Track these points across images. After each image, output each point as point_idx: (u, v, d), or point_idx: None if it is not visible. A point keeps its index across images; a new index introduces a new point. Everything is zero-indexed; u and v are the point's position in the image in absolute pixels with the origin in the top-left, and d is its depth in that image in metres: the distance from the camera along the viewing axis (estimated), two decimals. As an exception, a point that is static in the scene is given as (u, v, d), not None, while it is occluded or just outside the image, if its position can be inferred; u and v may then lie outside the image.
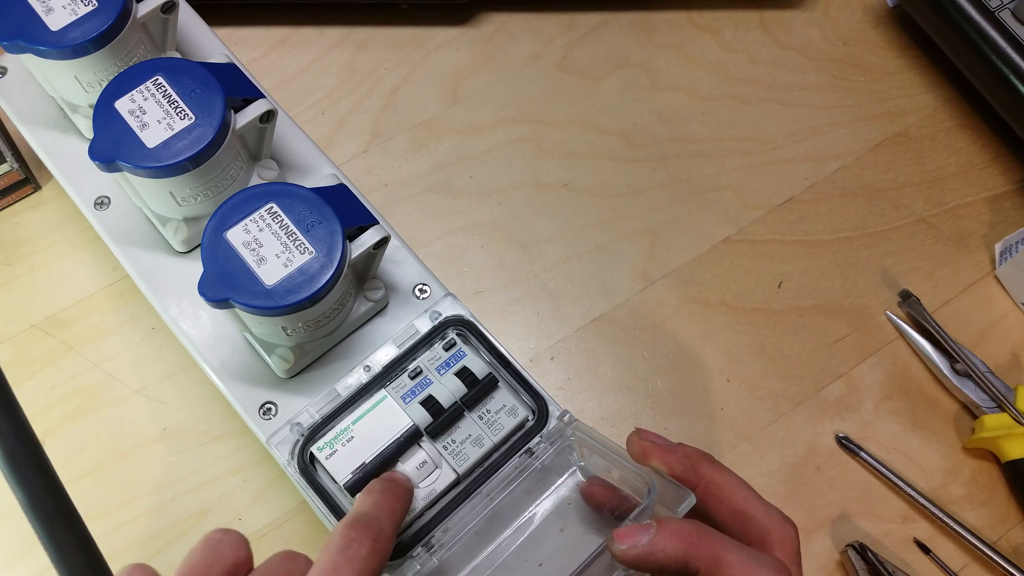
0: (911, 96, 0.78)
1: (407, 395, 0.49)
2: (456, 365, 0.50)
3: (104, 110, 0.49)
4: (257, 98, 0.51)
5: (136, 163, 0.48)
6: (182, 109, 0.49)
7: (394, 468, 0.48)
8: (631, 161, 0.74)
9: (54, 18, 0.50)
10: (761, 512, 0.43)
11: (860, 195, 0.74)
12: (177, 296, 0.54)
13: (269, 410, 0.51)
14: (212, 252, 0.46)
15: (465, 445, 0.48)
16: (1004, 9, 0.72)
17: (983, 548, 0.61)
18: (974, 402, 0.65)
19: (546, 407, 0.49)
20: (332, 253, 0.46)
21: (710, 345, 0.68)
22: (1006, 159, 0.76)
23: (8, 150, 0.65)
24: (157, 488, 0.62)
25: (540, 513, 0.47)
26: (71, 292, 0.67)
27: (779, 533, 0.43)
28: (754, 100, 0.78)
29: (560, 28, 0.80)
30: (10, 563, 0.59)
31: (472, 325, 0.51)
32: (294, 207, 0.47)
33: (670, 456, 0.45)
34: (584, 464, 0.48)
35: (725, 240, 0.72)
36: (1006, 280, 0.70)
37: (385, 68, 0.77)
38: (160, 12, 0.54)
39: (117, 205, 0.57)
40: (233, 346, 0.53)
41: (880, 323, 0.69)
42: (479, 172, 0.73)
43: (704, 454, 0.45)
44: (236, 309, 0.46)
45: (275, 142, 0.58)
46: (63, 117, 0.59)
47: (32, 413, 0.62)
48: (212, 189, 0.52)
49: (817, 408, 0.66)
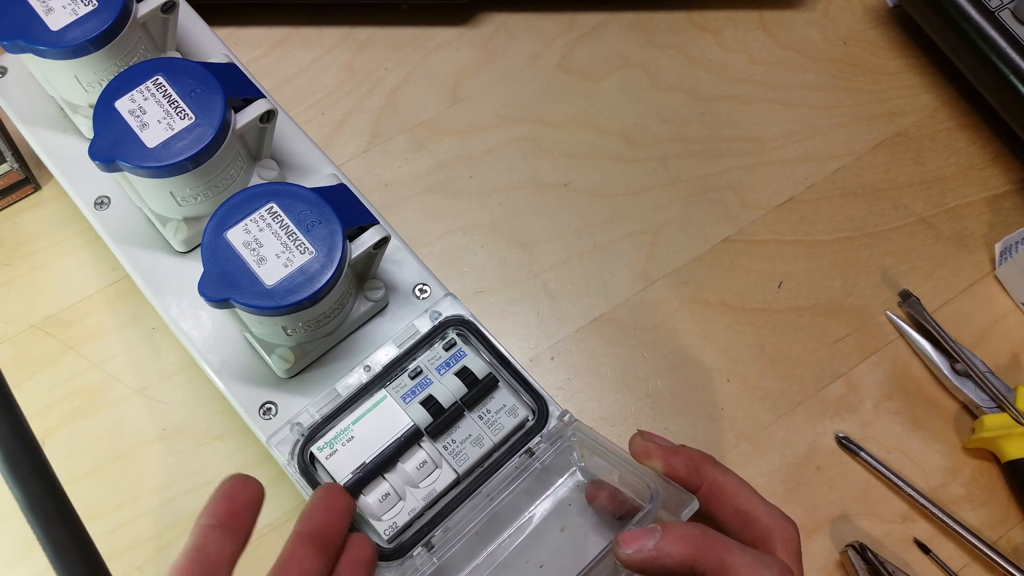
0: (911, 96, 0.78)
1: (407, 395, 0.49)
2: (456, 365, 0.50)
3: (104, 110, 0.49)
4: (257, 98, 0.51)
5: (136, 163, 0.48)
6: (182, 109, 0.49)
7: (394, 468, 0.48)
8: (631, 161, 0.74)
9: (54, 18, 0.50)
10: (763, 513, 0.43)
11: (860, 195, 0.74)
12: (177, 296, 0.54)
13: (269, 410, 0.51)
14: (212, 252, 0.46)
15: (465, 445, 0.48)
16: (1004, 9, 0.72)
17: (983, 548, 0.61)
18: (974, 402, 0.65)
19: (546, 407, 0.49)
20: (332, 253, 0.46)
21: (710, 345, 0.68)
22: (1006, 159, 0.76)
23: (8, 150, 0.65)
24: (157, 488, 0.62)
25: (540, 513, 0.47)
26: (71, 292, 0.67)
27: (781, 533, 0.43)
28: (754, 100, 0.77)
29: (560, 28, 0.80)
30: (10, 563, 0.59)
31: (472, 325, 0.51)
32: (294, 207, 0.47)
33: (673, 457, 0.45)
34: (584, 465, 0.48)
35: (725, 240, 0.71)
36: (1006, 280, 0.70)
37: (385, 68, 0.77)
38: (160, 12, 0.54)
39: (117, 205, 0.57)
40: (233, 346, 0.53)
41: (880, 323, 0.69)
42: (479, 172, 0.73)
43: (707, 456, 0.45)
44: (236, 309, 0.46)
45: (275, 142, 0.58)
46: (63, 117, 0.59)
47: (32, 413, 0.62)
48: (212, 189, 0.52)
49: (817, 408, 0.66)
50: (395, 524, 0.47)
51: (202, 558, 0.38)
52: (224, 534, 0.40)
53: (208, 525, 0.40)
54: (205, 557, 0.39)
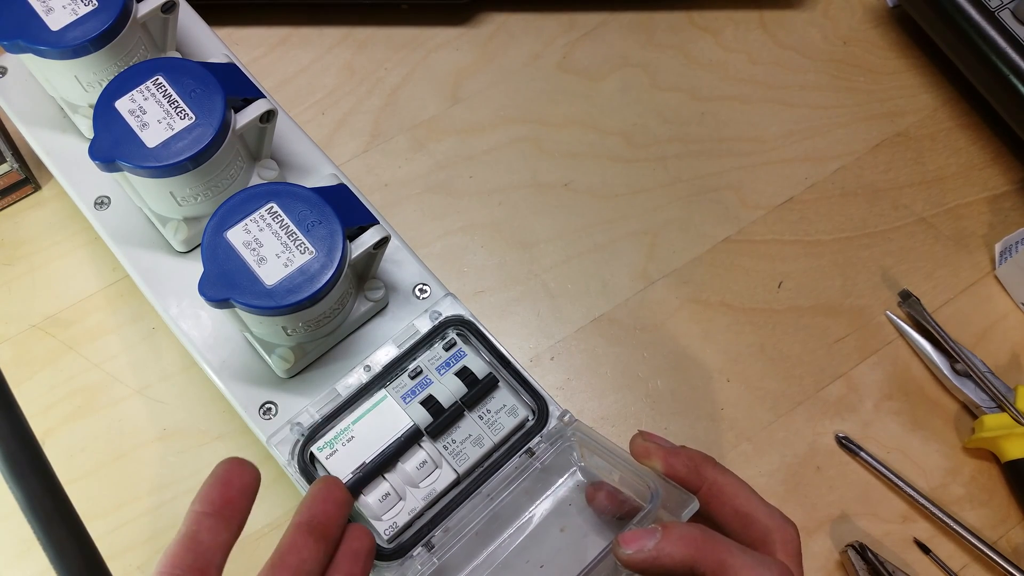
0: (911, 96, 0.78)
1: (407, 395, 0.49)
2: (456, 365, 0.50)
3: (104, 110, 0.49)
4: (257, 98, 0.51)
5: (136, 163, 0.48)
6: (182, 109, 0.49)
7: (394, 468, 0.48)
8: (631, 161, 0.74)
9: (54, 18, 0.50)
10: (763, 514, 0.43)
11: (860, 195, 0.74)
12: (177, 296, 0.54)
13: (269, 410, 0.51)
14: (212, 252, 0.46)
15: (465, 445, 0.48)
16: (1004, 9, 0.72)
17: (983, 548, 0.61)
18: (974, 402, 0.65)
19: (546, 407, 0.49)
20: (332, 253, 0.46)
21: (710, 345, 0.68)
22: (1006, 159, 0.76)
23: (8, 150, 0.65)
24: (157, 488, 0.62)
25: (540, 513, 0.47)
26: (71, 292, 0.67)
27: (781, 535, 0.43)
28: (754, 100, 0.77)
29: (560, 28, 0.80)
30: (10, 563, 0.59)
31: (472, 325, 0.51)
32: (294, 207, 0.47)
33: (674, 458, 0.45)
34: (584, 464, 0.48)
35: (725, 240, 0.72)
36: (1006, 280, 0.70)
37: (385, 68, 0.77)
38: (160, 12, 0.54)
39: (117, 205, 0.57)
40: (233, 346, 0.53)
41: (880, 323, 0.69)
42: (479, 172, 0.73)
43: (707, 457, 0.45)
44: (236, 309, 0.46)
45: (275, 142, 0.58)
46: (63, 117, 0.59)
47: (32, 413, 0.62)
48: (212, 189, 0.52)
49: (817, 408, 0.66)
50: (395, 524, 0.47)
51: (194, 545, 0.38)
52: (218, 521, 0.39)
53: (202, 512, 0.39)
54: (197, 545, 0.38)
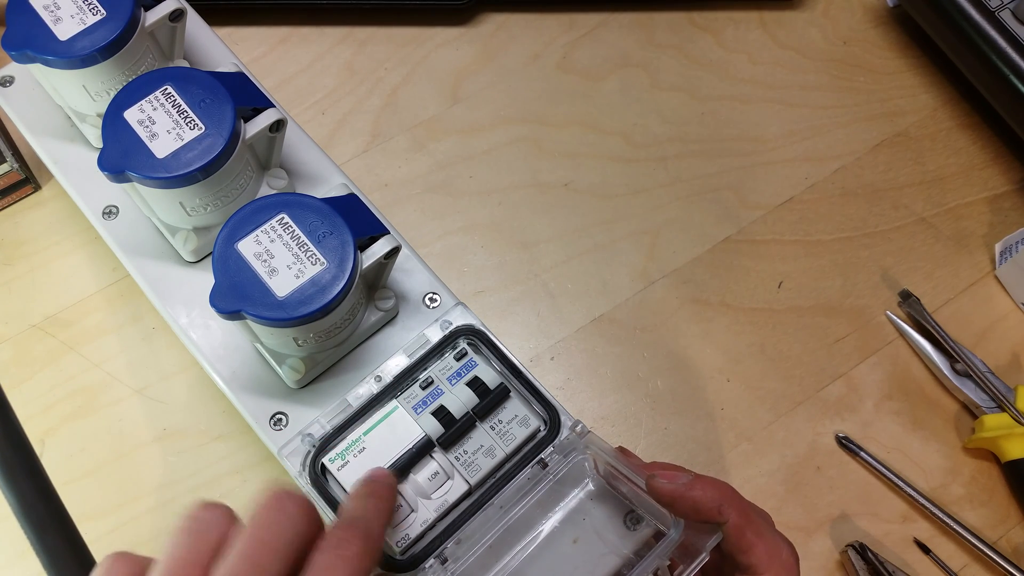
0: (911, 96, 0.79)
1: (418, 405, 0.49)
2: (467, 375, 0.50)
3: (113, 120, 0.48)
4: (267, 107, 0.51)
5: (146, 173, 0.48)
6: (192, 119, 0.48)
7: (406, 479, 0.48)
8: (631, 161, 0.74)
9: (62, 28, 0.50)
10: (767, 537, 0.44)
11: (860, 195, 0.74)
12: (187, 306, 0.54)
13: (280, 421, 0.51)
14: (224, 263, 0.46)
15: (477, 456, 0.48)
16: (1004, 9, 0.72)
17: (983, 548, 0.62)
18: (974, 402, 0.66)
19: (558, 417, 0.49)
20: (343, 264, 0.46)
21: (710, 345, 0.68)
22: (1006, 159, 0.76)
23: (8, 150, 0.65)
24: (157, 488, 0.62)
25: (553, 526, 0.47)
26: (71, 292, 0.67)
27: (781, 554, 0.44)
28: (754, 100, 0.78)
29: (560, 28, 0.80)
30: (10, 563, 0.59)
31: (483, 335, 0.51)
32: (305, 217, 0.47)
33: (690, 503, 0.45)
34: (598, 476, 0.48)
35: (725, 240, 0.72)
36: (1006, 280, 0.71)
37: (385, 68, 0.77)
38: (168, 20, 0.54)
39: (126, 215, 0.56)
40: (243, 356, 0.53)
41: (880, 323, 0.70)
42: (479, 172, 0.73)
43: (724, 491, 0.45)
44: (247, 320, 0.46)
45: (284, 151, 0.57)
46: (71, 126, 0.58)
47: (32, 413, 0.63)
48: (222, 199, 0.51)
49: (817, 408, 0.67)
50: (407, 536, 0.47)
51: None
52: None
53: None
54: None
